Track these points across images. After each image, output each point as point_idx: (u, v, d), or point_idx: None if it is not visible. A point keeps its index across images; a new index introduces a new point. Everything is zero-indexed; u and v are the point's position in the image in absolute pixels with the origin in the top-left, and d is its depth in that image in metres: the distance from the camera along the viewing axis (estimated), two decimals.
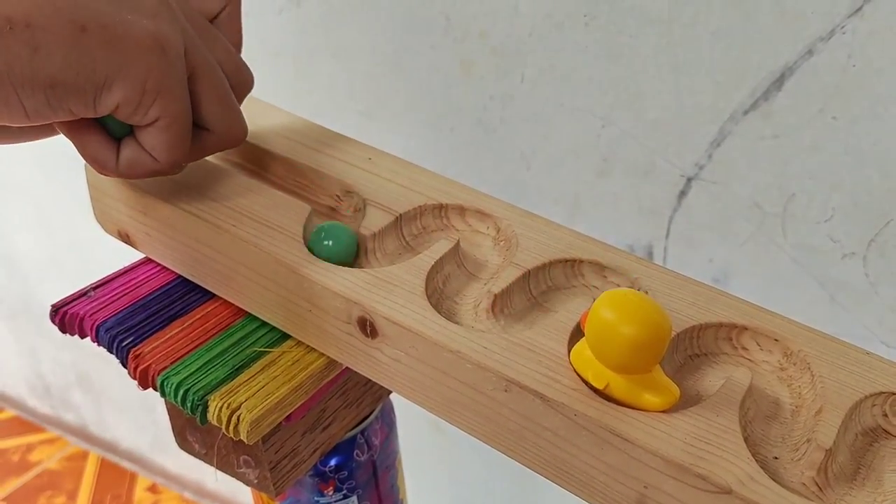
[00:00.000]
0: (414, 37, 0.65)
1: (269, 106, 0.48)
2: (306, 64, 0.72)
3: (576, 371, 0.31)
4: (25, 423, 1.54)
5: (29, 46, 0.29)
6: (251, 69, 0.40)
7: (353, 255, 0.38)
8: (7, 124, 0.31)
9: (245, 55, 0.40)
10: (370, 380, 0.44)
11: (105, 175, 0.37)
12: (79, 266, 1.19)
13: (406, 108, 0.69)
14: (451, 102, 0.66)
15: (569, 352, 0.32)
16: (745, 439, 0.29)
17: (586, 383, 0.31)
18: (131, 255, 0.44)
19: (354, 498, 0.46)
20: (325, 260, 0.36)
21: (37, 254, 1.26)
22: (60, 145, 1.08)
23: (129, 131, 0.35)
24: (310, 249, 0.37)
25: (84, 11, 0.30)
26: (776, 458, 0.30)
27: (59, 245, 1.20)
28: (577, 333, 0.34)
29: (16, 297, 1.36)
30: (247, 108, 0.47)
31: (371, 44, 0.68)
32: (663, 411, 0.30)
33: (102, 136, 0.36)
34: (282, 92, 0.75)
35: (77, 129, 0.35)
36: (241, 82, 0.39)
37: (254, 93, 0.50)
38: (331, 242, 0.37)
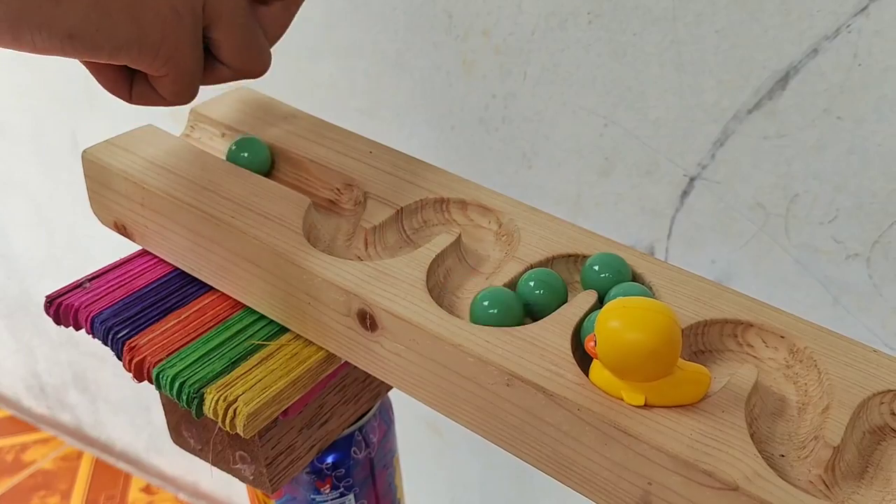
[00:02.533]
0: (416, 35, 0.64)
1: (270, 98, 0.48)
2: (307, 62, 0.72)
3: (608, 394, 0.30)
4: (20, 423, 1.53)
5: None
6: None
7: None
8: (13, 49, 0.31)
9: None
10: (369, 376, 0.44)
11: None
12: (76, 264, 1.18)
13: (407, 107, 0.69)
14: (453, 101, 0.65)
15: (572, 347, 0.32)
16: (751, 436, 0.29)
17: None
18: (130, 253, 0.43)
19: (351, 496, 0.45)
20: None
21: (34, 252, 1.25)
22: (59, 144, 1.08)
23: None
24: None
25: None
26: (782, 455, 0.30)
27: (56, 243, 1.20)
28: (579, 328, 0.33)
29: (13, 295, 1.36)
30: (246, 100, 0.47)
31: (373, 42, 0.67)
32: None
33: (118, 69, 0.37)
34: (283, 90, 0.74)
35: (92, 62, 0.36)
36: (275, 27, 0.40)
37: (253, 87, 0.50)
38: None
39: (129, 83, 0.37)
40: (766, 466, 0.27)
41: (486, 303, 0.33)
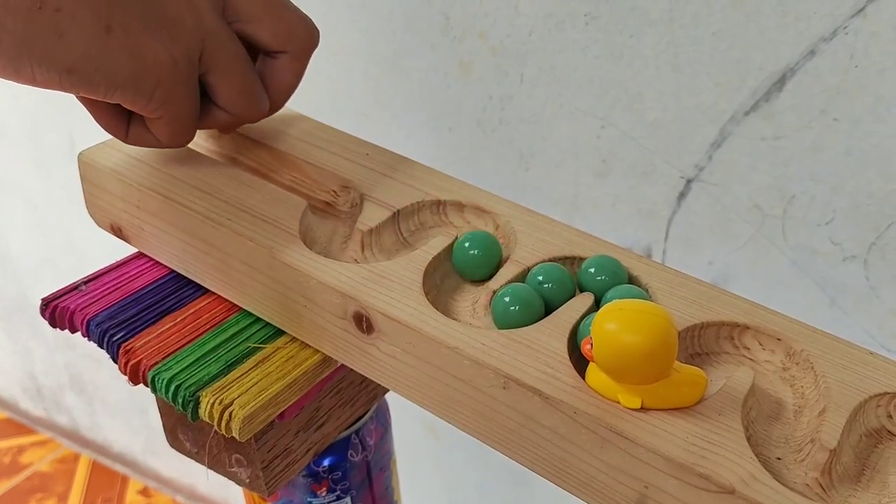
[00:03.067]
0: (413, 36, 0.64)
1: None
2: None
3: (604, 397, 0.30)
4: (17, 425, 1.53)
5: (55, 31, 0.30)
6: None
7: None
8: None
9: None
10: (365, 378, 0.44)
11: None
12: (73, 266, 1.18)
13: (404, 109, 0.69)
14: (450, 103, 0.65)
15: (568, 350, 0.32)
16: (748, 439, 0.29)
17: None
18: (126, 255, 0.43)
19: (348, 499, 0.45)
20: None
21: (31, 254, 1.25)
22: (56, 146, 1.08)
23: None
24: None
25: (114, 11, 0.31)
26: (779, 458, 0.30)
27: (53, 245, 1.19)
28: (576, 331, 0.33)
29: (9, 297, 1.35)
30: None
31: (370, 43, 0.67)
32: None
33: (114, 109, 0.37)
34: None
35: (90, 99, 0.36)
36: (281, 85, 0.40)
37: None
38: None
39: (125, 123, 0.37)
40: (762, 469, 0.27)
41: (507, 299, 0.33)
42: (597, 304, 0.35)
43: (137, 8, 0.32)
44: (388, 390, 0.47)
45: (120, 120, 0.37)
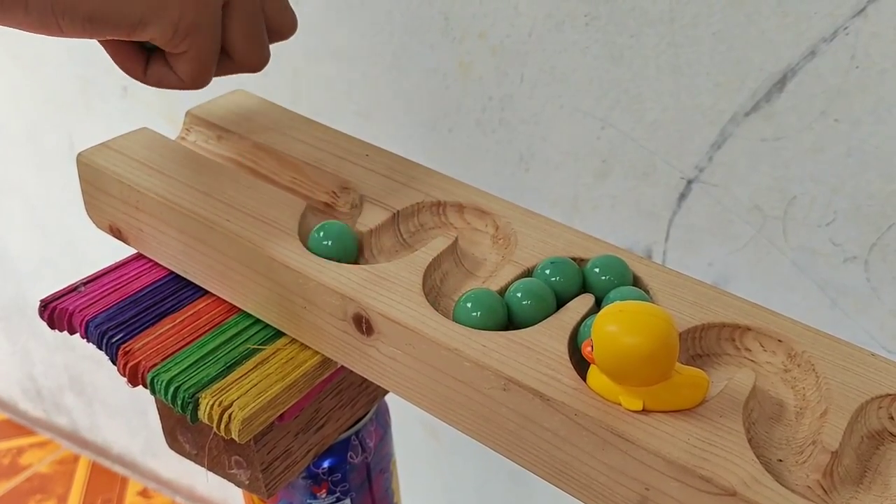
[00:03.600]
0: (412, 37, 0.64)
1: (265, 101, 0.47)
2: (304, 64, 0.72)
3: (606, 399, 0.30)
4: (16, 426, 1.53)
5: None
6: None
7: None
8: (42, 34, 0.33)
9: None
10: (365, 380, 0.44)
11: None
12: (73, 267, 1.18)
13: (404, 109, 0.69)
14: (450, 103, 0.65)
15: (569, 351, 0.32)
16: (749, 441, 0.28)
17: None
18: (126, 256, 0.43)
19: (348, 501, 0.45)
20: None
21: (30, 255, 1.25)
22: (55, 147, 1.07)
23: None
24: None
25: None
26: (780, 460, 0.30)
27: (52, 246, 1.19)
28: (576, 332, 0.33)
29: (8, 298, 1.35)
30: (242, 103, 0.47)
31: (369, 44, 0.67)
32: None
33: (133, 47, 0.37)
34: (279, 93, 0.74)
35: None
36: (281, 24, 0.40)
37: (250, 90, 0.49)
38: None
39: (144, 62, 0.38)
40: (763, 471, 0.27)
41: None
42: (597, 305, 0.35)
43: None
44: (387, 392, 0.46)
45: (138, 58, 0.38)
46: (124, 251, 0.43)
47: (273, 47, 0.41)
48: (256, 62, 0.39)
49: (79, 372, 1.33)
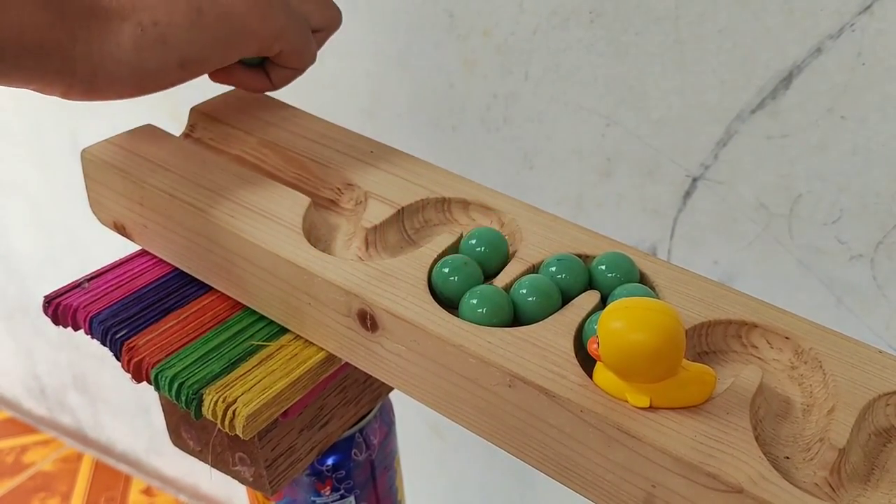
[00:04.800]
0: (417, 35, 0.64)
1: (269, 98, 0.47)
2: None
3: (612, 396, 0.30)
4: (20, 425, 1.53)
5: (159, 41, 0.34)
6: None
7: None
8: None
9: None
10: (370, 377, 0.44)
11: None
12: (76, 266, 1.18)
13: (408, 107, 0.68)
14: (454, 101, 0.65)
15: (575, 348, 0.31)
16: (756, 438, 0.28)
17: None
18: (130, 253, 0.43)
19: (352, 498, 0.45)
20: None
21: (34, 253, 1.25)
22: (59, 145, 1.07)
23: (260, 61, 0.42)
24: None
25: None
26: (787, 457, 0.29)
27: (56, 245, 1.19)
28: (582, 329, 0.33)
29: (12, 297, 1.35)
30: (247, 99, 0.47)
31: (374, 42, 0.67)
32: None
33: (246, 68, 0.42)
34: (284, 90, 0.74)
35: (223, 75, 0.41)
36: (328, 18, 0.44)
37: None
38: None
39: (266, 74, 0.43)
40: (770, 468, 0.27)
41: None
42: (603, 302, 0.34)
43: None
44: (391, 389, 0.46)
45: (256, 74, 0.42)
46: (128, 250, 0.43)
47: None
48: (308, 62, 0.43)
49: (82, 370, 1.34)
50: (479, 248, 0.36)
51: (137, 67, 0.34)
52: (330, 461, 0.43)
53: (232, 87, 0.48)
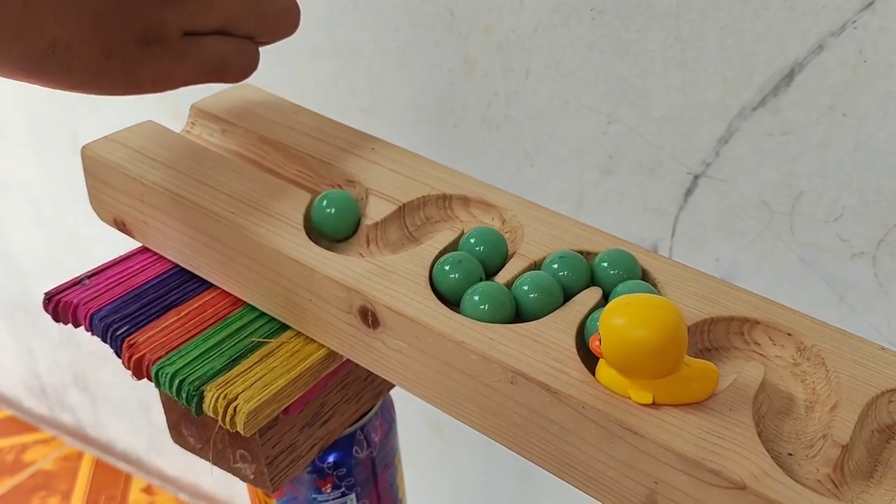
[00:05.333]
0: (417, 32, 0.64)
1: (270, 94, 0.47)
2: (308, 60, 0.72)
3: (615, 393, 0.29)
4: (20, 423, 1.53)
5: (64, 67, 0.33)
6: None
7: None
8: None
9: None
10: (371, 374, 0.44)
11: None
12: (77, 264, 1.18)
13: (409, 105, 0.68)
14: (455, 99, 0.65)
15: (577, 344, 0.31)
16: (758, 435, 0.28)
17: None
18: (130, 249, 0.43)
19: (353, 496, 0.45)
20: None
21: (34, 252, 1.25)
22: (60, 144, 1.07)
23: None
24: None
25: (115, 40, 0.33)
26: (790, 454, 0.29)
27: (57, 243, 1.19)
28: (584, 325, 0.33)
29: (13, 295, 1.35)
30: (247, 96, 0.47)
31: (374, 39, 0.67)
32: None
33: None
34: (283, 87, 0.74)
35: None
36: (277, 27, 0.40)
37: (255, 84, 0.49)
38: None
39: None
40: (774, 465, 0.27)
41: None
42: (605, 299, 0.34)
43: (133, 33, 0.34)
44: (393, 386, 0.46)
45: None
46: (128, 248, 0.43)
47: (278, 43, 0.40)
48: (287, 33, 0.40)
49: (83, 369, 1.34)
50: (478, 248, 0.36)
51: (29, 71, 0.34)
52: (331, 458, 0.43)
53: (231, 85, 0.48)
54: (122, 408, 1.33)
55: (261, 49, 0.40)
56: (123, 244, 0.43)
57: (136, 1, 0.34)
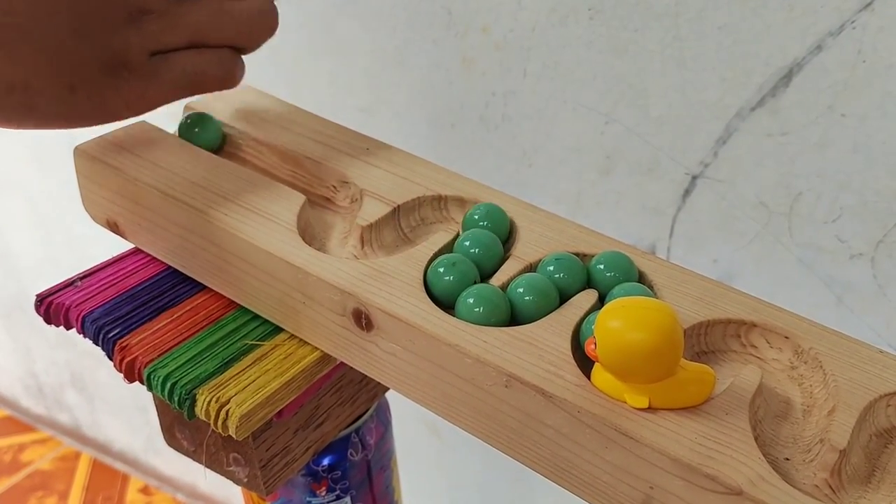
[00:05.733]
0: (415, 32, 0.64)
1: (264, 94, 0.47)
2: (305, 59, 0.71)
3: (610, 397, 0.29)
4: (17, 423, 1.53)
5: (26, 107, 0.32)
6: (251, 64, 0.39)
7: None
8: None
9: None
10: (365, 377, 0.43)
11: None
12: (74, 264, 1.17)
13: (406, 105, 0.68)
14: (453, 99, 0.65)
15: (572, 347, 0.31)
16: (755, 439, 0.28)
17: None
18: (123, 251, 0.43)
19: (348, 499, 0.44)
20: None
21: (31, 252, 1.24)
22: (57, 143, 1.07)
23: None
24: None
25: (77, 72, 0.33)
26: (787, 459, 0.29)
27: (54, 243, 1.19)
28: (579, 328, 0.32)
29: (10, 295, 1.35)
30: (242, 97, 0.46)
31: (372, 39, 0.67)
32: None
33: None
34: (280, 87, 0.74)
35: None
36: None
37: (250, 84, 0.49)
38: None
39: None
40: (770, 470, 0.27)
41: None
42: (601, 301, 0.34)
43: (96, 61, 0.33)
44: (388, 389, 0.46)
45: None
46: (125, 248, 0.43)
47: (274, 40, 0.40)
48: (262, 40, 0.39)
49: (80, 369, 1.33)
50: (473, 250, 0.35)
51: None
52: (326, 461, 0.43)
53: None
54: (119, 408, 1.33)
55: (259, 50, 0.39)
56: (121, 244, 0.42)
57: (94, 29, 0.33)
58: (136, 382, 0.37)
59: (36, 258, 1.25)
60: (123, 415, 1.33)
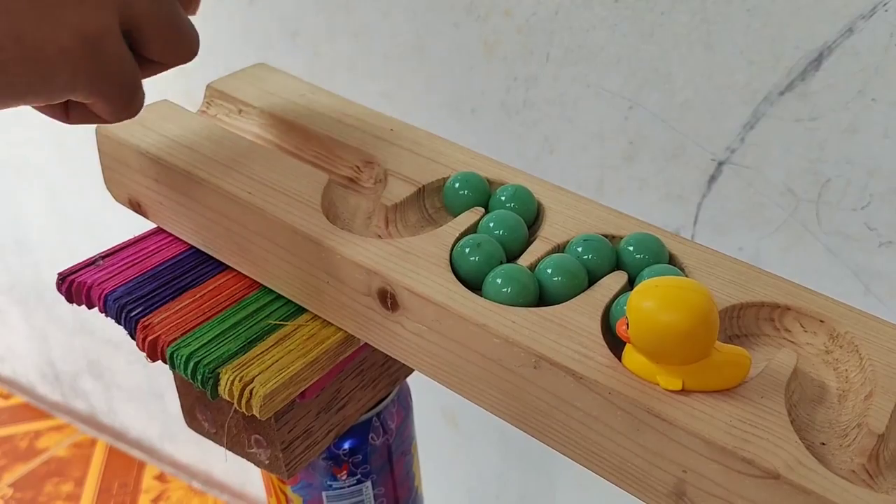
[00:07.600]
0: (436, 15, 0.63)
1: (287, 75, 0.47)
2: (326, 44, 0.71)
3: (642, 379, 0.29)
4: (34, 410, 1.53)
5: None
6: (271, 49, 0.37)
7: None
8: None
9: (264, 35, 0.37)
10: (388, 360, 0.43)
11: None
12: (92, 251, 1.18)
13: (427, 90, 0.67)
14: (474, 83, 0.64)
15: (602, 329, 0.30)
16: (791, 423, 0.27)
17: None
18: (145, 231, 0.42)
19: (369, 483, 0.44)
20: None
21: (49, 238, 1.25)
22: (74, 129, 1.07)
23: None
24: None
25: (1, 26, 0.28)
26: (823, 443, 0.28)
27: (72, 230, 1.19)
28: (609, 310, 0.32)
29: (27, 282, 1.35)
30: (264, 76, 0.46)
31: (392, 23, 0.66)
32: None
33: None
34: (300, 72, 0.73)
35: None
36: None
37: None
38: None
39: (63, 106, 0.34)
40: (807, 454, 0.26)
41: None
42: (630, 284, 0.33)
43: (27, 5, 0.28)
44: (410, 373, 0.45)
45: (57, 107, 0.33)
46: (144, 231, 0.42)
47: (295, 26, 0.39)
48: (187, 56, 0.34)
49: (97, 356, 1.34)
50: (497, 231, 0.35)
51: None
52: (347, 445, 0.43)
53: (249, 65, 0.47)
54: (135, 395, 1.33)
55: (278, 35, 0.38)
56: (139, 229, 0.42)
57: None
58: (154, 369, 0.36)
59: (53, 245, 1.25)
60: (139, 402, 1.33)
